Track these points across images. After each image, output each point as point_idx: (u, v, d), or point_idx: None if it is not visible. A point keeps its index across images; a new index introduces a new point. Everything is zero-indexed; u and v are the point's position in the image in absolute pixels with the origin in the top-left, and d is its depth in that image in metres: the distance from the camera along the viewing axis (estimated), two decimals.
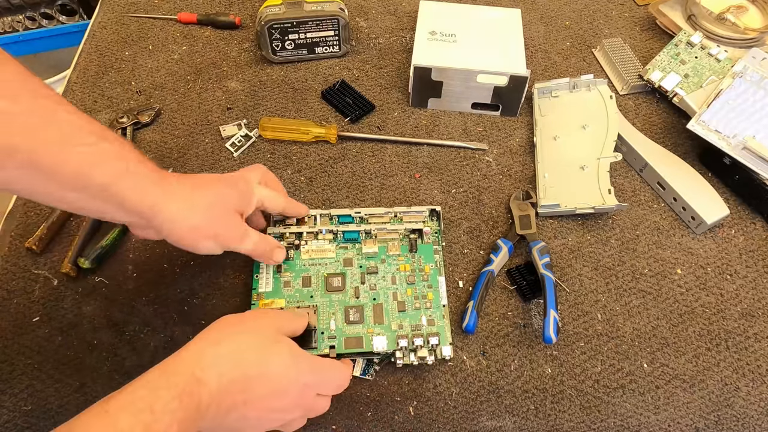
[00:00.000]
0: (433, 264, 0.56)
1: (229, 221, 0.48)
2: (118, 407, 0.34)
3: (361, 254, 0.56)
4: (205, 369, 0.38)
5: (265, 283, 0.54)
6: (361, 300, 0.54)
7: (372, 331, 0.52)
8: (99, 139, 0.40)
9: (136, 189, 0.42)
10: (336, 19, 0.73)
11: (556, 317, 0.53)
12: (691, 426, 0.52)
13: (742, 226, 0.64)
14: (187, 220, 0.45)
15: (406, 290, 0.54)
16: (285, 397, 0.42)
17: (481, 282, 0.57)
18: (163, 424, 0.34)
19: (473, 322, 0.54)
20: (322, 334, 0.52)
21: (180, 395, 0.35)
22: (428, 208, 0.60)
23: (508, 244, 0.59)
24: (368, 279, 0.55)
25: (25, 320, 0.56)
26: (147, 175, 0.43)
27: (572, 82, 0.71)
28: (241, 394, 0.39)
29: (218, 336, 0.41)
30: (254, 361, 0.40)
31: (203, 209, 0.46)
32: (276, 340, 0.43)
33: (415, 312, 0.53)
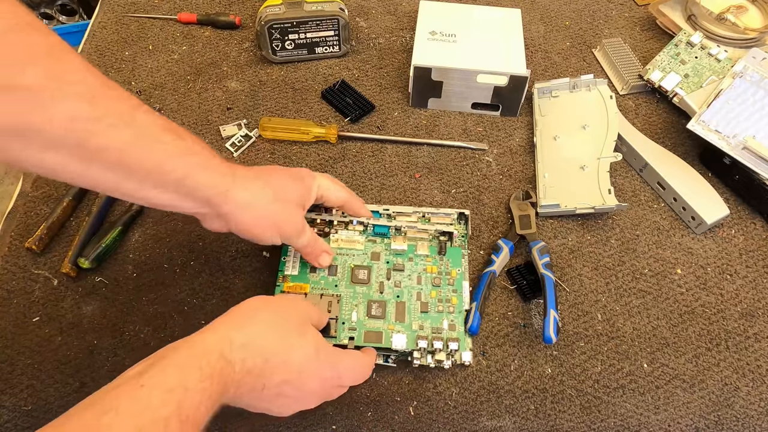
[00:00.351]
0: (460, 268, 0.56)
1: (291, 213, 0.50)
2: (152, 384, 0.34)
3: (390, 250, 0.57)
4: (233, 351, 0.39)
5: (292, 267, 0.55)
6: (385, 295, 0.54)
7: (392, 327, 0.52)
8: (174, 137, 0.43)
9: (209, 181, 0.45)
10: (336, 19, 0.73)
11: (556, 317, 0.53)
12: (691, 426, 0.52)
13: (742, 226, 0.64)
14: (254, 210, 0.47)
15: (431, 292, 0.55)
16: (302, 388, 0.43)
17: (483, 283, 0.56)
18: (194, 402, 0.35)
19: (476, 323, 0.54)
20: (343, 324, 0.52)
21: (210, 375, 0.36)
22: (457, 211, 0.60)
23: (508, 245, 0.59)
24: (394, 276, 0.55)
25: (25, 320, 0.56)
26: (218, 168, 0.45)
27: (572, 82, 0.71)
28: (261, 378, 0.40)
29: (247, 319, 0.42)
30: (278, 350, 0.41)
31: (269, 198, 0.48)
32: (302, 330, 0.43)
33: (437, 315, 0.53)
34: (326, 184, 0.54)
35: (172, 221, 0.63)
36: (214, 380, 0.37)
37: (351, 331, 0.52)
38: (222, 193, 0.45)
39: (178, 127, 0.44)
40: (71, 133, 0.37)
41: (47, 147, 0.37)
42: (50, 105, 0.36)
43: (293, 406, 0.44)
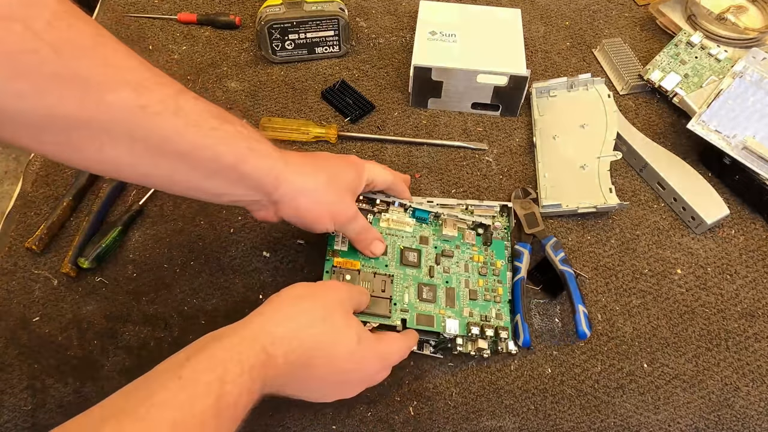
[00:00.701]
0: (504, 260, 0.57)
1: (345, 199, 0.49)
2: (191, 376, 0.34)
3: (439, 235, 0.57)
4: (275, 344, 0.38)
5: (341, 242, 0.54)
6: (435, 280, 0.54)
7: (444, 312, 0.52)
8: (222, 122, 0.41)
9: (260, 165, 0.43)
10: (336, 19, 0.73)
11: (585, 311, 0.53)
12: (691, 426, 0.52)
13: (742, 226, 0.64)
14: (309, 196, 0.46)
15: (478, 280, 0.55)
16: (346, 379, 0.44)
17: (518, 292, 0.56)
18: (233, 396, 0.35)
19: (527, 335, 0.53)
20: (395, 305, 0.51)
21: (250, 369, 0.36)
22: (500, 204, 0.61)
23: (527, 247, 0.59)
24: (443, 261, 0.55)
25: (25, 320, 0.56)
26: (268, 152, 0.44)
27: (570, 82, 0.71)
28: (304, 371, 0.40)
29: (289, 310, 0.41)
30: (322, 343, 0.41)
31: (323, 184, 0.47)
32: (346, 321, 0.43)
33: (485, 303, 0.54)
34: (375, 170, 0.53)
35: (172, 221, 0.63)
36: (255, 374, 0.36)
37: (403, 313, 0.51)
38: (275, 178, 0.44)
39: (225, 112, 0.43)
40: (124, 123, 0.36)
41: (102, 139, 0.36)
42: (105, 94, 0.35)
43: (335, 394, 0.45)
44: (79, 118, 0.35)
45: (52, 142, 0.36)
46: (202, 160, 0.41)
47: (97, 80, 0.35)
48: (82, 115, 0.35)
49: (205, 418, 0.33)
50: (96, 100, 0.35)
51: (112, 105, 0.35)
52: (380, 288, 0.51)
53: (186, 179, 0.42)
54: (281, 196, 0.45)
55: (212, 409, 0.33)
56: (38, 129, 0.35)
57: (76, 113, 0.35)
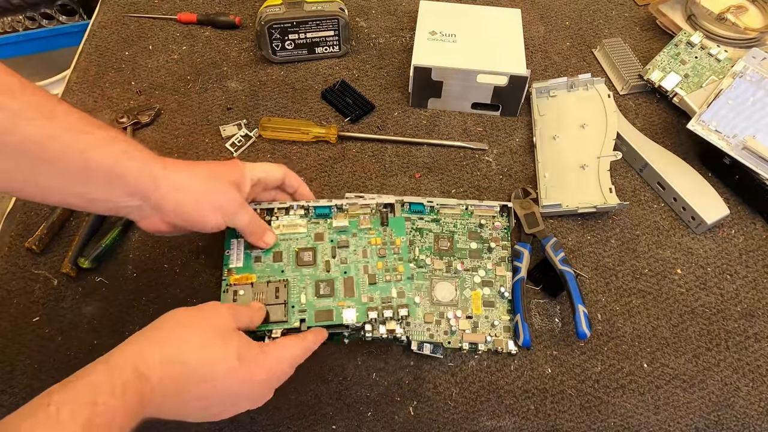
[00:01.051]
0: (404, 237, 0.55)
1: (228, 191, 0.49)
2: (60, 401, 0.34)
3: (332, 228, 0.56)
4: (149, 365, 0.38)
5: (236, 259, 0.54)
6: (332, 274, 0.53)
7: (342, 303, 0.51)
8: (97, 128, 0.42)
9: (137, 167, 0.43)
10: (336, 19, 0.73)
11: (585, 311, 0.53)
12: (691, 426, 0.52)
13: (742, 226, 0.64)
14: (189, 187, 0.46)
15: (377, 263, 0.53)
16: (231, 397, 0.42)
17: (518, 292, 0.56)
18: (105, 417, 0.34)
19: (528, 336, 0.53)
20: (293, 308, 0.51)
21: (123, 390, 0.36)
22: (500, 204, 0.61)
23: (526, 247, 0.59)
24: (339, 253, 0.54)
25: (25, 320, 0.56)
26: (146, 156, 0.44)
27: (570, 82, 0.71)
28: (182, 394, 0.40)
29: (165, 332, 0.41)
30: (198, 365, 0.40)
31: (203, 180, 0.47)
32: (224, 340, 0.42)
33: (385, 285, 0.52)
34: (261, 167, 0.53)
35: None
36: (128, 395, 0.36)
37: (301, 314, 0.51)
38: (152, 180, 0.44)
39: (98, 121, 0.43)
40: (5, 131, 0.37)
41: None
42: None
43: (227, 412, 0.43)
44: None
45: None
46: (75, 167, 0.40)
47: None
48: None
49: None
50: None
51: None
52: (274, 295, 0.51)
53: (61, 185, 0.41)
54: (161, 199, 0.45)
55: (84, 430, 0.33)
56: None
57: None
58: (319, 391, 0.53)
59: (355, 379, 0.54)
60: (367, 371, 0.54)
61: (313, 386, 0.53)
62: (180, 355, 0.40)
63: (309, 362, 0.54)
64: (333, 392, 0.53)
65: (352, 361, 0.55)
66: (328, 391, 0.53)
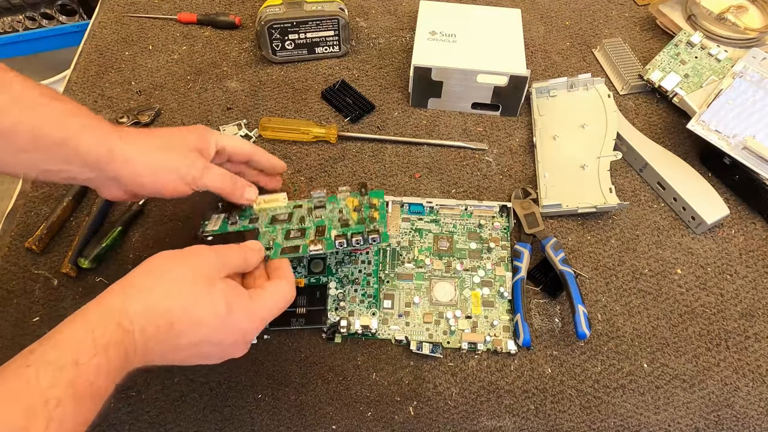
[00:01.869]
0: (381, 199, 0.54)
1: (188, 155, 0.48)
2: (40, 362, 0.32)
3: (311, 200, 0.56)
4: (132, 318, 0.37)
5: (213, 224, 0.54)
6: (305, 225, 0.53)
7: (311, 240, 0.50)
8: (51, 100, 0.42)
9: (93, 139, 0.43)
10: (336, 19, 0.73)
11: (585, 311, 0.53)
12: (691, 426, 0.52)
13: (742, 226, 0.64)
14: (145, 157, 0.46)
15: (351, 213, 0.53)
16: (220, 343, 0.41)
17: (518, 292, 0.56)
18: (89, 377, 0.33)
19: (528, 335, 0.53)
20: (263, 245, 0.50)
21: (106, 347, 0.35)
22: (499, 204, 0.62)
23: (526, 247, 0.59)
24: (314, 212, 0.54)
25: (25, 320, 0.56)
26: (102, 127, 0.44)
27: (570, 82, 0.71)
28: (168, 342, 0.39)
29: (148, 281, 0.39)
30: (183, 311, 0.39)
31: (160, 148, 0.47)
32: (211, 286, 0.40)
33: (359, 226, 0.51)
34: (227, 138, 0.52)
35: (172, 221, 0.63)
36: (111, 351, 0.35)
37: (267, 251, 0.49)
38: (108, 152, 0.44)
39: (60, 94, 0.43)
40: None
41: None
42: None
43: (216, 357, 0.42)
44: None
45: None
46: (29, 137, 0.41)
47: None
48: None
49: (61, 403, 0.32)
50: None
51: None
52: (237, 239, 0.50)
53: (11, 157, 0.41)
54: (118, 170, 0.45)
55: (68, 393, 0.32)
56: None
57: None
58: (319, 391, 0.53)
59: (355, 379, 0.54)
60: (367, 371, 0.54)
61: (313, 386, 0.53)
62: (163, 301, 0.38)
63: (309, 362, 0.55)
64: (333, 392, 0.53)
65: (352, 361, 0.55)
66: (328, 391, 0.53)
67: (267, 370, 0.54)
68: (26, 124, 0.40)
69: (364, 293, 0.57)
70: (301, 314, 0.55)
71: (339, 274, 0.58)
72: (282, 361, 0.55)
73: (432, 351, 0.54)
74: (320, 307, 0.55)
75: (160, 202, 0.64)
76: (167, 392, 0.53)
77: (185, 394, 0.53)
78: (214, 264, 0.42)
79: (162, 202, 0.64)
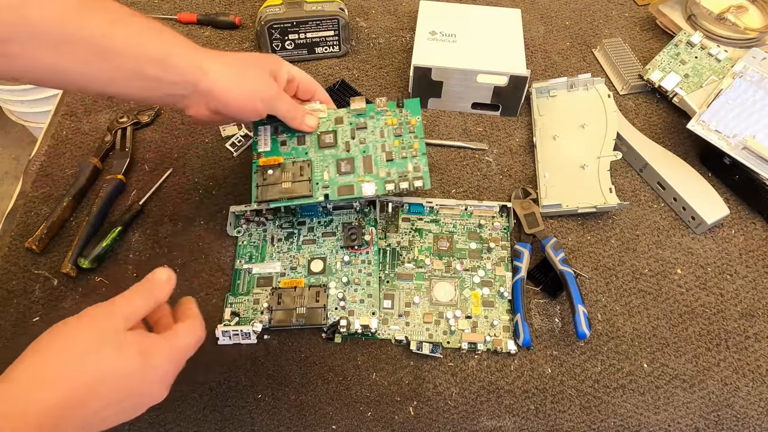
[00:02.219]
0: (418, 117, 0.59)
1: (267, 78, 0.52)
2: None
3: (351, 111, 0.59)
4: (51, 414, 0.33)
5: (264, 144, 0.58)
6: (352, 153, 0.57)
7: (362, 179, 0.56)
8: (145, 19, 0.45)
9: (186, 56, 0.47)
10: (336, 19, 0.73)
11: (585, 311, 0.53)
12: (691, 426, 0.52)
13: (742, 226, 0.64)
14: (232, 76, 0.50)
15: (394, 141, 0.58)
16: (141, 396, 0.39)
17: (518, 292, 0.56)
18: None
19: (528, 335, 0.54)
20: (317, 184, 0.56)
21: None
22: (499, 204, 0.62)
23: (526, 247, 0.59)
24: (358, 134, 0.58)
25: (25, 320, 0.56)
26: (192, 46, 0.48)
27: (570, 82, 0.71)
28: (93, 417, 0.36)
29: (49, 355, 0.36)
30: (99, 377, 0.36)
31: (243, 69, 0.51)
32: (118, 344, 0.37)
33: (402, 161, 0.56)
34: (297, 70, 0.56)
35: (171, 221, 0.63)
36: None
37: (324, 189, 0.55)
38: (199, 68, 0.47)
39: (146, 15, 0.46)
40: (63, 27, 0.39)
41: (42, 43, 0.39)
42: None
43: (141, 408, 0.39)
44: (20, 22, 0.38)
45: None
46: (132, 56, 0.44)
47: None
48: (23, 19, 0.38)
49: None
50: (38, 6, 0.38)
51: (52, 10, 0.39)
52: (299, 173, 0.56)
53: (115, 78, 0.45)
54: (208, 86, 0.48)
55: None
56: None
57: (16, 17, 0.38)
58: (319, 391, 0.53)
59: (355, 379, 0.54)
60: (367, 371, 0.54)
61: (313, 386, 0.53)
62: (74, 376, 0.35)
63: (309, 362, 0.55)
64: (333, 392, 0.53)
65: (352, 361, 0.55)
66: (328, 391, 0.53)
67: (267, 370, 0.54)
68: (131, 43, 0.43)
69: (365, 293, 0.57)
70: (301, 314, 0.55)
71: (339, 274, 0.58)
72: (282, 361, 0.55)
73: (432, 351, 0.54)
74: (320, 306, 0.55)
75: (160, 201, 0.64)
76: None
77: (185, 394, 0.53)
78: (117, 317, 0.38)
79: (162, 202, 0.64)
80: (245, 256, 0.60)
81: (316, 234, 0.60)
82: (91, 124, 0.71)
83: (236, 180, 0.66)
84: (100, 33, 0.42)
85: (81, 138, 0.69)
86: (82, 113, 0.72)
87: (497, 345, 0.54)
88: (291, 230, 0.61)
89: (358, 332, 0.55)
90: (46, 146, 0.68)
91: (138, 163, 0.67)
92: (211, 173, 0.66)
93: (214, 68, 0.48)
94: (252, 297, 0.57)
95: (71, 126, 0.71)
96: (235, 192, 0.65)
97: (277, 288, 0.57)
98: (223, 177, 0.66)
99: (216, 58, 0.49)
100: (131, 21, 0.44)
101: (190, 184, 0.66)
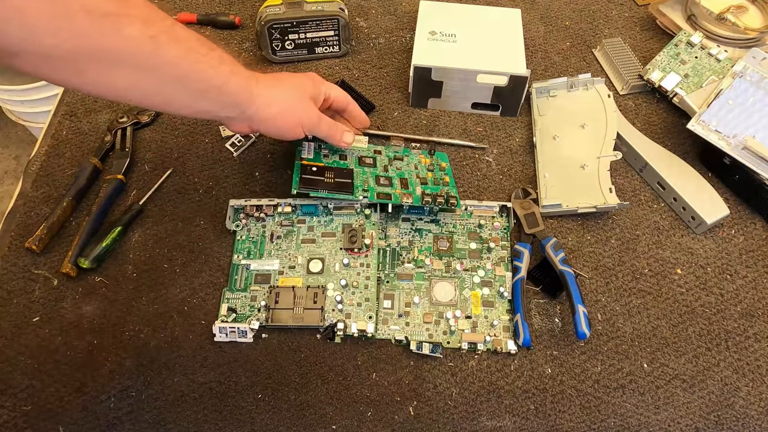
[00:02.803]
0: (448, 163, 0.66)
1: (307, 104, 0.57)
2: None
3: (388, 147, 0.66)
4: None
5: (307, 152, 0.62)
6: (389, 173, 0.62)
7: (399, 191, 0.60)
8: (209, 49, 0.48)
9: (240, 85, 0.51)
10: (336, 19, 0.73)
11: (585, 311, 0.53)
12: (691, 426, 0.52)
13: (742, 226, 0.64)
14: (277, 103, 0.54)
15: (427, 174, 0.64)
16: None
17: (518, 292, 0.56)
18: None
19: (528, 335, 0.54)
20: (358, 187, 0.59)
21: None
22: (499, 204, 0.62)
23: (526, 247, 0.59)
24: (395, 163, 0.64)
25: (25, 320, 0.56)
26: (244, 74, 0.52)
27: (570, 82, 0.71)
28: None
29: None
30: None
31: (288, 94, 0.55)
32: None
33: (435, 187, 0.62)
34: (332, 87, 0.61)
35: (172, 221, 0.63)
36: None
37: (365, 192, 0.59)
38: (249, 95, 0.51)
39: (206, 40, 0.49)
40: (138, 52, 0.42)
41: (118, 66, 0.42)
42: (122, 27, 0.40)
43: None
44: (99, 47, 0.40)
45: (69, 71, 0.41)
46: (196, 83, 0.47)
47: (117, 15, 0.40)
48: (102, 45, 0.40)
49: None
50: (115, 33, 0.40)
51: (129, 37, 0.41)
52: (342, 175, 0.60)
53: (180, 100, 0.49)
54: (255, 113, 0.53)
55: None
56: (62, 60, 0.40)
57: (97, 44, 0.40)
58: (319, 391, 0.53)
59: (355, 379, 0.54)
60: (367, 371, 0.54)
61: (313, 386, 0.53)
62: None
63: (309, 362, 0.55)
64: (333, 392, 0.53)
65: (352, 361, 0.55)
66: (328, 391, 0.53)
67: (267, 370, 0.54)
68: (196, 72, 0.47)
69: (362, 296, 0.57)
70: (299, 315, 0.55)
71: (337, 276, 0.58)
72: (282, 361, 0.55)
73: (432, 351, 0.54)
74: (317, 308, 0.55)
75: (160, 201, 0.64)
76: (167, 392, 0.53)
77: (185, 394, 0.53)
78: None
79: (162, 202, 0.64)
80: (243, 251, 0.60)
81: (316, 233, 0.60)
82: (91, 124, 0.71)
83: (236, 180, 0.66)
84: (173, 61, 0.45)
85: (81, 138, 0.69)
86: (82, 113, 0.72)
87: (497, 345, 0.54)
88: (290, 228, 0.61)
89: (354, 335, 0.55)
90: (46, 146, 0.69)
91: (138, 163, 0.67)
92: (211, 173, 0.66)
93: (263, 96, 0.52)
94: (249, 293, 0.57)
95: (71, 126, 0.71)
96: (235, 192, 0.65)
97: (275, 287, 0.57)
98: (223, 177, 0.66)
99: (264, 85, 0.53)
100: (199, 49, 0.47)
101: (190, 184, 0.66)
